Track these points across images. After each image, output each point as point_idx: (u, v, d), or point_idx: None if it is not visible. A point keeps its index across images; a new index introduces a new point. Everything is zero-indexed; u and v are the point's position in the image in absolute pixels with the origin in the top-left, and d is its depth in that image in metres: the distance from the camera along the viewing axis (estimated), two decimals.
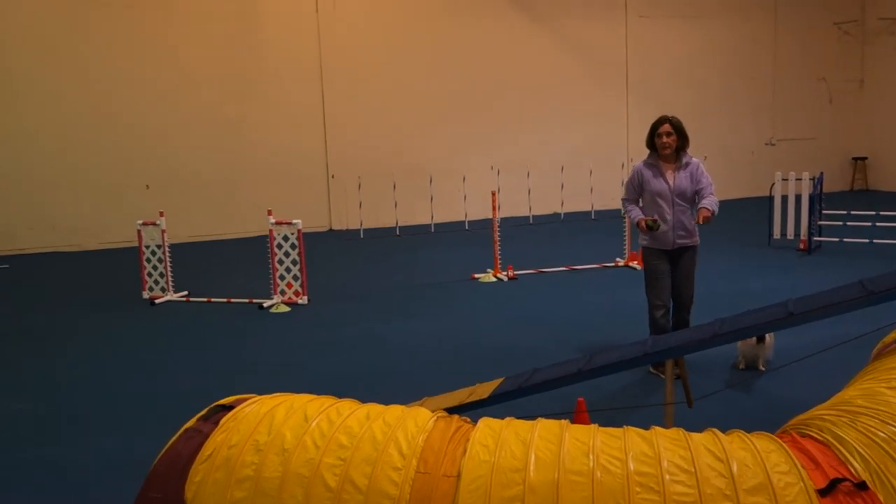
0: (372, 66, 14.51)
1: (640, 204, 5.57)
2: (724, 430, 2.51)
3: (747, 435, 2.44)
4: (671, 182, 5.38)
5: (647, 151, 5.53)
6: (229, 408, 3.01)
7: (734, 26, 17.20)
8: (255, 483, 2.58)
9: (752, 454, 2.30)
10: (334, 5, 14.20)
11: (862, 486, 2.16)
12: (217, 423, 2.88)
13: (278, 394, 3.06)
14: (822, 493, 2.15)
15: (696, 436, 2.43)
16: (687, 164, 5.41)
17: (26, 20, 12.56)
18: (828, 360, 4.34)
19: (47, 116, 12.79)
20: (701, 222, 5.23)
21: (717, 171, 16.01)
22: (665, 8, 16.53)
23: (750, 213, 13.79)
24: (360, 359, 6.12)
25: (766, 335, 5.29)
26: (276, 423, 2.73)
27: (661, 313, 5.45)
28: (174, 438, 2.93)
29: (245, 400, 3.02)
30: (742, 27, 17.26)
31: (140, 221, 8.89)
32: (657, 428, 2.50)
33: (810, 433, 2.46)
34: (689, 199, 5.41)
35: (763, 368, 5.36)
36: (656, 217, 5.34)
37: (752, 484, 2.19)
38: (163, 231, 8.69)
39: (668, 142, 5.34)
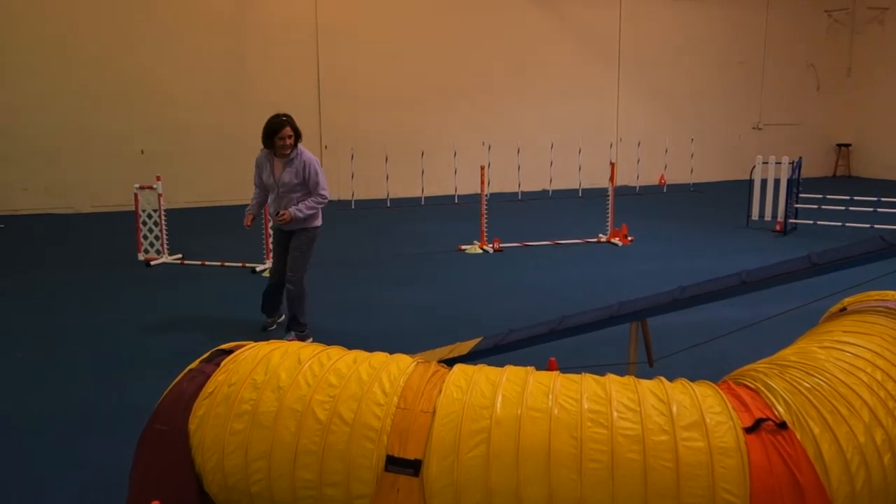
0: (368, 42, 14.67)
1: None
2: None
3: (690, 382, 2.76)
4: (276, 175, 5.68)
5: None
6: (229, 352, 3.32)
7: (728, 10, 17.41)
8: (253, 416, 2.89)
9: (691, 398, 2.62)
10: None
11: (783, 425, 2.49)
12: (218, 364, 3.18)
13: (273, 340, 3.37)
14: (748, 430, 2.48)
15: (644, 382, 2.75)
16: (296, 159, 5.64)
17: None
18: (778, 328, 4.67)
19: (42, 83, 12.94)
20: (278, 222, 5.62)
21: (706, 154, 16.51)
22: None
23: (733, 195, 14.11)
24: (351, 320, 6.42)
25: None
26: (272, 365, 3.03)
27: (272, 282, 6.03)
28: (178, 378, 3.22)
29: (243, 346, 3.32)
30: (735, 11, 17.48)
31: (137, 185, 9.13)
32: (611, 375, 2.82)
33: (745, 382, 2.79)
34: (295, 190, 5.69)
35: None
36: (250, 222, 5.93)
37: (688, 422, 2.52)
38: (159, 195, 8.94)
39: (288, 143, 5.57)
